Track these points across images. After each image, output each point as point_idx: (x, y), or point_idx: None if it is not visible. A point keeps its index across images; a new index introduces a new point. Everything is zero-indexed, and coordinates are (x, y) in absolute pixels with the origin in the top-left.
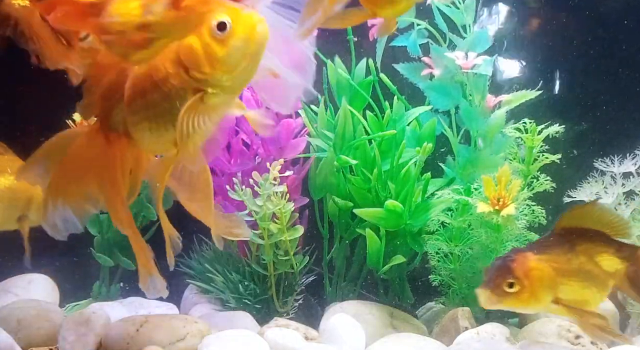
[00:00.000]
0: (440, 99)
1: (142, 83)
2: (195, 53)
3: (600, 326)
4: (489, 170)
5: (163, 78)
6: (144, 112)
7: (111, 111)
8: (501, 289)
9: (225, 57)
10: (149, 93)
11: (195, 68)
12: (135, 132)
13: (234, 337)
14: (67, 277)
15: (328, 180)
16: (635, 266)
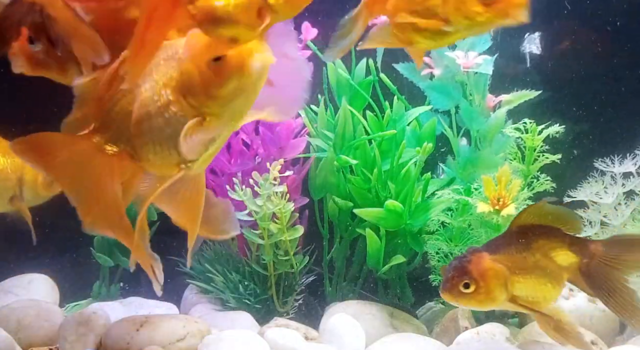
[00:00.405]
0: (441, 98)
1: (148, 107)
2: (192, 81)
3: (556, 324)
4: (489, 170)
5: (164, 104)
6: (149, 135)
7: (113, 127)
8: (457, 290)
9: (220, 89)
10: (154, 118)
11: (192, 96)
12: (140, 152)
13: (234, 337)
14: (67, 277)
15: (328, 180)
16: (588, 259)
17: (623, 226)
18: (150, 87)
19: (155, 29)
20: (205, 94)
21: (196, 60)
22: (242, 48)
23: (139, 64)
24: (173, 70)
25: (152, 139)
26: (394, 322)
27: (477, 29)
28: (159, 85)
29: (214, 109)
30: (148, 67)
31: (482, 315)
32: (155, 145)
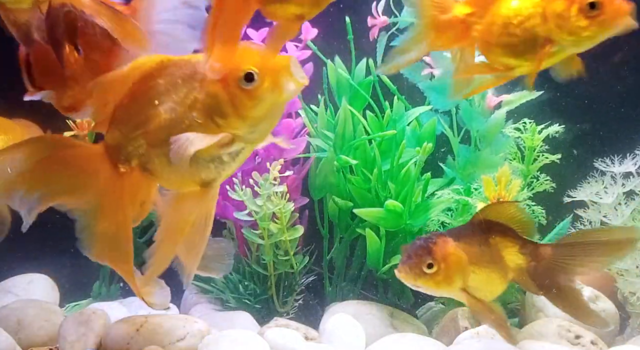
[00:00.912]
0: (440, 99)
1: (171, 129)
2: (222, 103)
3: (496, 321)
4: (489, 170)
5: (190, 126)
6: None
7: (126, 141)
8: (419, 268)
9: (252, 109)
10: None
11: (221, 118)
12: (159, 171)
13: (234, 337)
14: (67, 277)
15: (328, 180)
16: (536, 262)
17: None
18: (171, 109)
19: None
20: (237, 116)
21: (225, 82)
22: (273, 66)
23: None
24: (197, 91)
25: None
26: (394, 322)
27: (583, 45)
28: (182, 107)
29: (243, 129)
30: (163, 86)
31: None
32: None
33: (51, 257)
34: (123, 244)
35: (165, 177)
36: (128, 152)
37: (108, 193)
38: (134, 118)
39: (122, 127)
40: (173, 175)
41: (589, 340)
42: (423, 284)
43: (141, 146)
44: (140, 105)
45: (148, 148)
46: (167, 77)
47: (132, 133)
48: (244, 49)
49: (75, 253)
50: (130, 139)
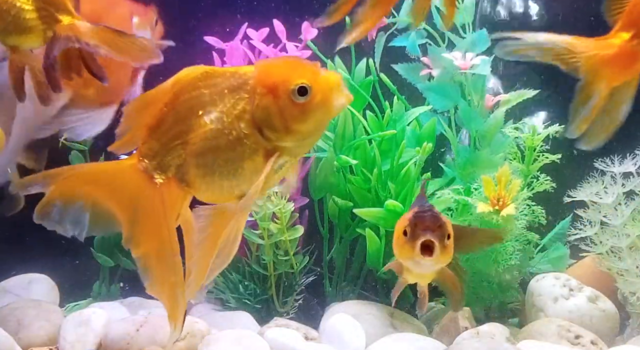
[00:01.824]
0: (439, 99)
1: (216, 139)
2: (272, 115)
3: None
4: (489, 170)
5: (237, 137)
6: (212, 167)
7: (164, 151)
8: (444, 243)
9: (302, 123)
10: (222, 151)
11: (271, 129)
12: (198, 183)
13: (234, 337)
14: (67, 277)
15: (328, 180)
16: None
17: (623, 226)
18: (217, 119)
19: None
20: (285, 129)
21: (277, 94)
22: (326, 81)
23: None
24: (245, 102)
25: (217, 171)
26: (394, 322)
27: None
28: (229, 117)
29: (290, 143)
30: (208, 96)
31: (482, 315)
32: (220, 177)
33: (51, 257)
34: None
35: (204, 189)
36: (165, 163)
37: (146, 205)
38: (175, 127)
39: (161, 136)
40: (213, 187)
41: (589, 340)
42: (442, 261)
43: (180, 156)
44: (182, 114)
45: (188, 158)
46: (212, 87)
47: (172, 143)
48: (293, 62)
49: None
50: (169, 149)
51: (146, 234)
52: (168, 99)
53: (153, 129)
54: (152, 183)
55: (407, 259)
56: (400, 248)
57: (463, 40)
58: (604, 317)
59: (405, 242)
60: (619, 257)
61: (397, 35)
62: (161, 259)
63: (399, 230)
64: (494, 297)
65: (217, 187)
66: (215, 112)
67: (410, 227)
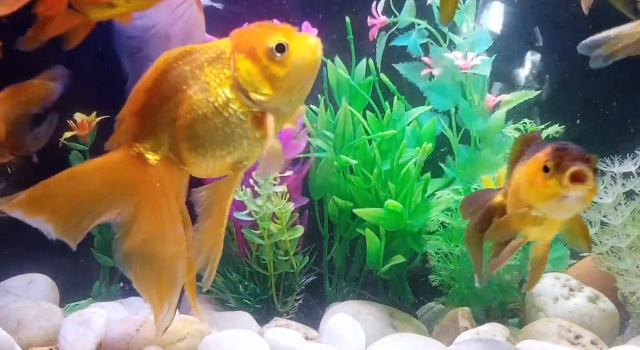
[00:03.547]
0: (440, 99)
1: (202, 109)
2: (254, 76)
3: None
4: (489, 170)
5: (224, 103)
6: (204, 138)
7: (154, 133)
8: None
9: (285, 78)
10: (210, 119)
11: (255, 91)
12: (191, 157)
13: (234, 337)
14: (67, 277)
15: (328, 180)
16: None
17: (623, 226)
18: (201, 90)
19: None
20: (271, 86)
21: (255, 55)
22: (299, 38)
23: None
24: (225, 68)
25: (208, 140)
26: (394, 322)
27: None
28: (212, 86)
29: (276, 102)
30: (189, 72)
31: (482, 315)
32: (212, 146)
33: (51, 257)
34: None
35: (198, 163)
36: (157, 143)
37: (145, 188)
38: (161, 107)
39: (149, 118)
40: (206, 159)
41: (589, 340)
42: (592, 195)
43: (170, 134)
44: (166, 93)
45: (179, 134)
46: (192, 62)
47: (161, 122)
48: (266, 25)
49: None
50: (159, 129)
51: (149, 218)
52: (151, 85)
53: (140, 114)
54: (147, 165)
55: (551, 197)
56: (541, 187)
57: (464, 40)
58: (604, 317)
59: (549, 178)
60: (619, 257)
61: (397, 34)
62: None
63: (534, 170)
64: (494, 297)
65: (211, 158)
66: (198, 84)
67: (554, 160)
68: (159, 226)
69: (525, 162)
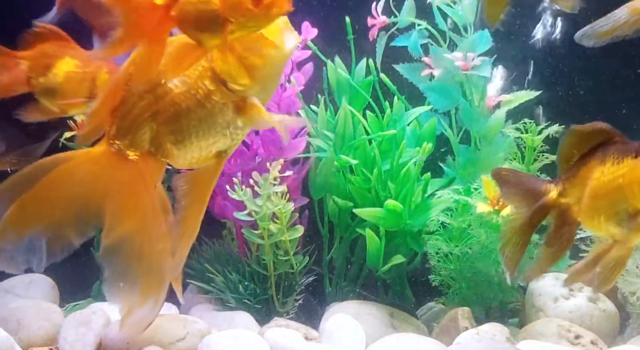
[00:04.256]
0: (440, 99)
1: (185, 102)
2: (233, 67)
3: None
4: (489, 170)
5: (205, 96)
6: (188, 131)
7: (134, 130)
8: None
9: (262, 67)
10: (193, 111)
11: (234, 81)
12: (175, 150)
13: (234, 337)
14: (67, 277)
15: (328, 180)
16: None
17: None
18: (181, 82)
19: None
20: (249, 75)
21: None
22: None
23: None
24: (203, 61)
25: (192, 133)
26: (394, 322)
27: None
28: (192, 78)
29: (255, 89)
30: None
31: (482, 316)
32: (196, 138)
33: None
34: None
35: (182, 155)
36: (137, 139)
37: (126, 185)
38: (140, 102)
39: (128, 115)
40: (190, 150)
41: (589, 340)
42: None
43: (151, 129)
44: (145, 87)
45: (160, 128)
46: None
47: (140, 118)
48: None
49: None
50: (139, 124)
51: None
52: (127, 79)
53: (118, 110)
54: (127, 162)
55: None
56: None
57: (463, 41)
58: (604, 317)
59: None
60: None
61: (397, 35)
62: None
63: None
64: (494, 297)
65: (195, 149)
66: (177, 79)
67: None
68: (143, 223)
69: (618, 163)
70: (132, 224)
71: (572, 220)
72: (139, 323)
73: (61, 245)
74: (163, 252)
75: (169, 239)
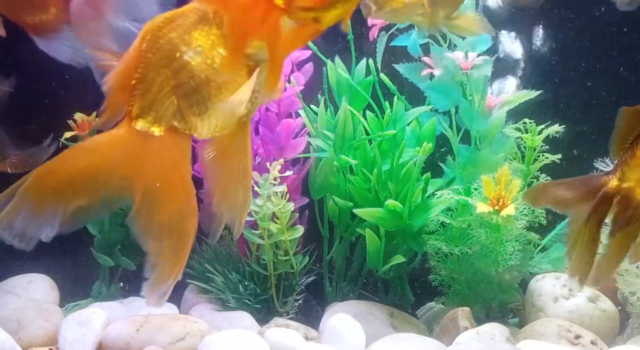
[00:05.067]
0: (440, 99)
1: (203, 72)
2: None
3: None
4: (489, 170)
5: (221, 63)
6: (208, 100)
7: (156, 106)
8: None
9: (276, 30)
10: (213, 81)
11: (250, 46)
12: (198, 121)
13: (234, 337)
14: (67, 277)
15: (328, 180)
16: None
17: None
18: (197, 53)
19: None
20: (266, 38)
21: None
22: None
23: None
24: (214, 28)
25: (212, 101)
26: (394, 322)
27: None
28: (206, 48)
29: (270, 52)
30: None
31: (482, 315)
32: (218, 107)
33: (51, 257)
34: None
35: (206, 124)
36: (160, 114)
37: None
38: (158, 78)
39: (147, 92)
40: (214, 118)
41: (589, 340)
42: None
43: (172, 103)
44: (161, 64)
45: (182, 101)
46: (178, 28)
47: (160, 93)
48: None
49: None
50: (160, 100)
51: (163, 193)
52: (140, 57)
53: (136, 89)
54: (153, 139)
55: None
56: None
57: (464, 41)
58: (604, 317)
59: None
60: None
61: (397, 35)
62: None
63: None
64: (494, 297)
65: (220, 118)
66: (191, 49)
67: None
68: (176, 200)
69: None
70: (164, 200)
71: (637, 203)
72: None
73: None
74: (192, 228)
75: (196, 217)
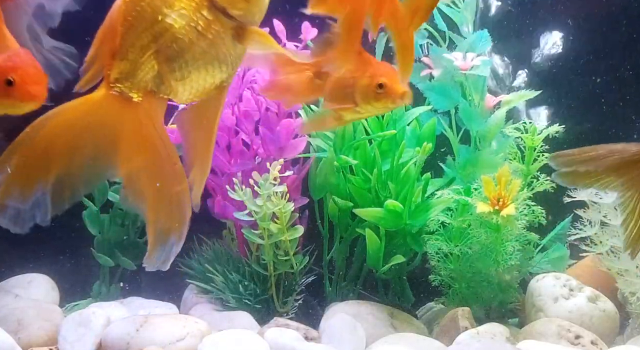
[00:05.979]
0: (440, 99)
1: (187, 35)
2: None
3: None
4: (489, 170)
5: (205, 27)
6: (193, 65)
7: (135, 70)
8: None
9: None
10: (196, 44)
11: (231, 6)
12: (179, 86)
13: (233, 337)
14: (67, 277)
15: (328, 180)
16: None
17: None
18: (180, 16)
19: None
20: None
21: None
22: None
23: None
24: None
25: (195, 66)
26: (394, 322)
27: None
28: (189, 11)
29: (252, 12)
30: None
31: (482, 315)
32: (199, 71)
33: (51, 257)
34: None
35: (187, 90)
36: (139, 79)
37: (134, 129)
38: (139, 41)
39: (127, 55)
40: (195, 84)
41: (589, 340)
42: None
43: (153, 67)
44: (142, 26)
45: (163, 66)
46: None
47: (141, 57)
48: None
49: (75, 253)
50: (140, 64)
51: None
52: (121, 19)
53: (116, 52)
54: (132, 104)
55: None
56: None
57: (463, 41)
58: (604, 317)
59: None
60: (618, 257)
61: None
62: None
63: None
64: (494, 297)
65: (201, 81)
66: (174, 12)
67: None
68: (159, 164)
69: None
70: (148, 166)
71: None
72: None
73: (67, 196)
74: (183, 193)
75: (185, 179)
